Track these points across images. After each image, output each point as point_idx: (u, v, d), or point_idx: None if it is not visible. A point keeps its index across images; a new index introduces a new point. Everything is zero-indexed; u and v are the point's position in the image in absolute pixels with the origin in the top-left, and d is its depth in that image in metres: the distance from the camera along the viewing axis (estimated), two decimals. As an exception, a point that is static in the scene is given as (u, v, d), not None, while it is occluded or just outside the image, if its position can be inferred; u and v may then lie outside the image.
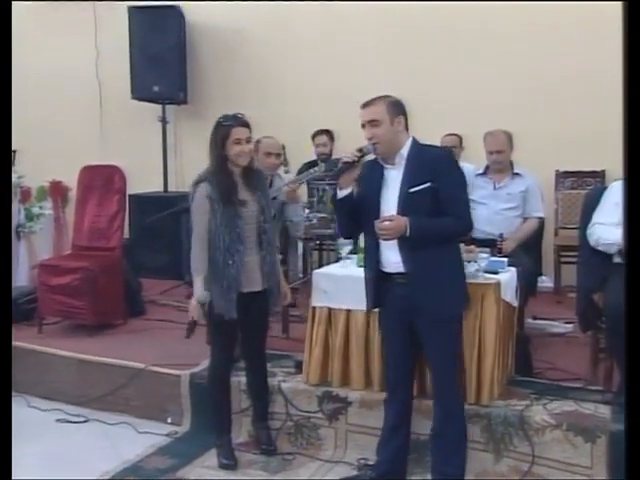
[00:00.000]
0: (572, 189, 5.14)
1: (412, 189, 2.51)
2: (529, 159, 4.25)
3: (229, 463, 3.03)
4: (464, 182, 2.65)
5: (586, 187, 4.94)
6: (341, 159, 2.61)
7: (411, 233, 2.46)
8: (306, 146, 5.43)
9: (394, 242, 2.52)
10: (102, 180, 4.59)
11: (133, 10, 5.98)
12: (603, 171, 5.03)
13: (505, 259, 3.22)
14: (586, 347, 3.26)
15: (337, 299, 3.19)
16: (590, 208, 3.09)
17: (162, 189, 6.16)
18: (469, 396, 2.90)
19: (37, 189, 6.17)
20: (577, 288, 3.28)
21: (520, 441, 2.86)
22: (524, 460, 2.86)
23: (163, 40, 5.91)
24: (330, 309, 3.21)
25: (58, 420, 3.58)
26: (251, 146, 3.03)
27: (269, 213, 3.05)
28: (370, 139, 2.56)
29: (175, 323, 4.40)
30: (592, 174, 5.08)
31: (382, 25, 5.54)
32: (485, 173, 3.97)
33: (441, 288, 2.54)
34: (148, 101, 6.12)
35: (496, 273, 3.07)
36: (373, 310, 2.81)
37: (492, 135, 3.94)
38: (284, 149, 5.43)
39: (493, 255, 3.32)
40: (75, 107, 6.41)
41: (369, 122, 2.56)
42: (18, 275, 4.94)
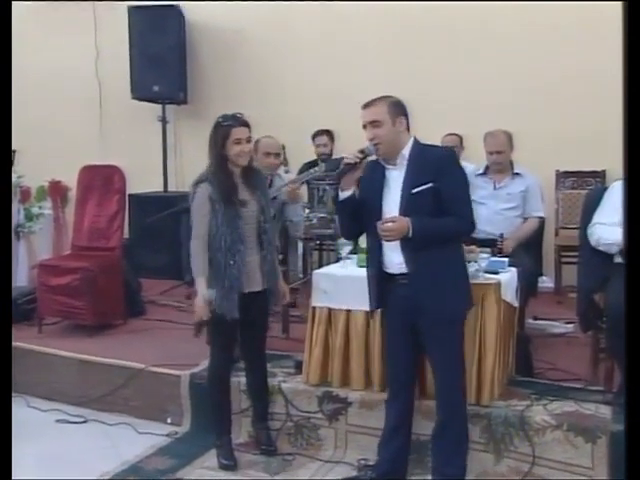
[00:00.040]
0: (572, 189, 5.14)
1: (414, 190, 2.50)
2: (529, 159, 4.25)
3: (229, 464, 3.03)
4: (466, 182, 2.63)
5: (586, 187, 4.94)
6: (343, 160, 2.60)
7: (413, 234, 2.45)
8: (306, 146, 5.43)
9: (396, 243, 2.51)
10: (102, 180, 4.59)
11: (133, 10, 5.97)
12: (604, 171, 5.03)
13: (506, 259, 3.22)
14: (587, 347, 3.26)
15: (337, 299, 3.18)
16: (591, 208, 3.09)
17: (162, 189, 6.16)
18: (469, 396, 2.88)
19: (37, 189, 6.17)
20: (578, 288, 3.28)
21: (520, 441, 2.86)
22: (524, 461, 2.85)
23: (163, 40, 5.90)
24: (330, 309, 3.21)
25: (58, 420, 3.58)
26: (251, 146, 3.03)
27: (269, 213, 3.05)
28: (371, 140, 2.55)
29: (175, 323, 4.41)
30: (592, 174, 5.08)
31: (382, 25, 5.53)
32: (485, 173, 3.97)
33: (444, 289, 2.53)
34: (148, 101, 6.11)
35: (496, 273, 3.06)
36: (376, 311, 2.80)
37: (492, 135, 3.94)
38: (284, 149, 5.43)
39: (493, 255, 3.32)
40: (75, 107, 6.41)
41: (370, 123, 2.54)
42: (18, 275, 4.94)
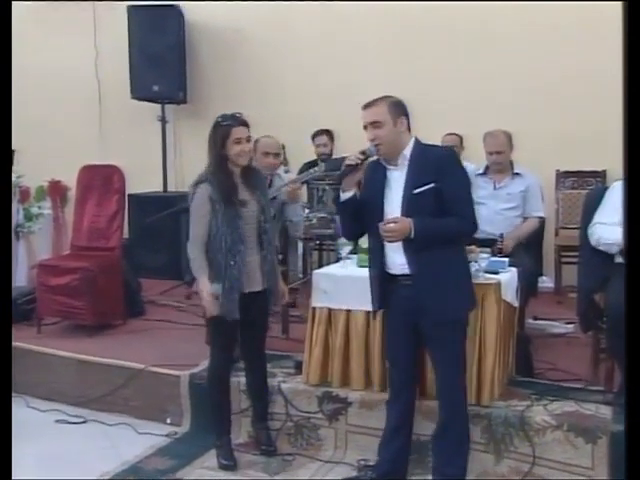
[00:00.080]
0: (573, 189, 5.13)
1: (416, 190, 2.49)
2: (529, 159, 4.25)
3: (229, 464, 3.02)
4: (468, 182, 2.62)
5: (587, 187, 4.94)
6: (343, 159, 2.60)
7: (416, 234, 2.45)
8: (306, 146, 5.42)
9: (399, 244, 2.50)
10: (101, 180, 4.58)
11: (132, 9, 5.96)
12: (604, 171, 5.02)
13: (506, 259, 3.21)
14: (587, 347, 3.26)
15: (337, 299, 3.18)
16: (591, 208, 3.08)
17: (161, 189, 6.15)
18: (469, 396, 2.87)
19: (36, 189, 6.16)
20: (578, 288, 3.27)
21: (521, 442, 2.86)
22: (525, 461, 2.85)
23: (162, 39, 5.89)
24: (330, 309, 3.20)
25: (57, 421, 3.57)
26: (251, 145, 3.03)
27: (269, 213, 3.05)
28: (372, 140, 2.53)
29: (175, 323, 4.41)
30: (593, 174, 5.07)
31: (382, 25, 5.53)
32: (485, 173, 3.97)
33: (446, 289, 2.53)
34: (147, 101, 6.10)
35: (496, 273, 3.06)
36: (378, 311, 2.79)
37: (492, 135, 3.93)
38: (284, 149, 5.43)
39: (493, 255, 3.31)
40: (74, 107, 6.40)
41: (371, 123, 2.53)
42: (17, 275, 4.93)
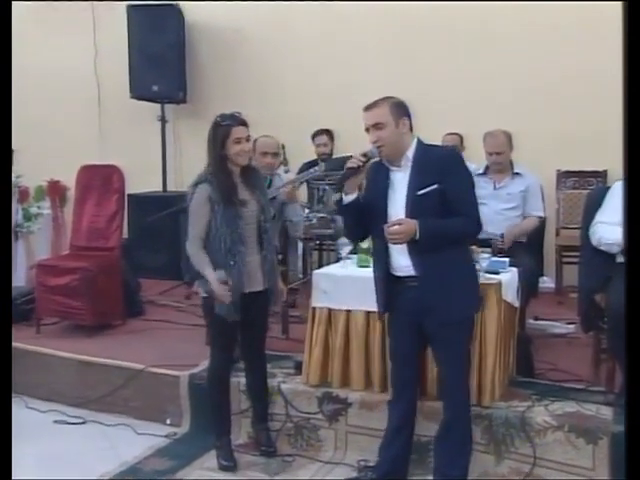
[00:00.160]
0: (574, 189, 5.12)
1: (420, 192, 2.47)
2: (530, 159, 4.25)
3: (228, 464, 3.01)
4: (471, 181, 2.61)
5: (588, 187, 4.93)
6: (344, 160, 2.59)
7: (421, 236, 2.43)
8: (306, 146, 5.42)
9: (403, 246, 2.49)
10: (101, 180, 4.57)
11: (132, 9, 5.95)
12: (605, 171, 5.00)
13: (506, 259, 3.20)
14: (588, 348, 3.25)
15: (337, 299, 3.17)
16: (592, 208, 3.08)
17: (161, 189, 6.14)
18: (470, 397, 2.88)
19: (35, 189, 6.15)
20: (579, 288, 3.27)
21: (521, 442, 2.85)
22: (525, 462, 2.84)
23: (162, 39, 5.88)
24: (330, 309, 3.20)
25: (56, 421, 3.56)
26: (250, 145, 3.02)
27: (269, 212, 3.04)
28: (375, 142, 2.52)
29: (174, 323, 4.40)
30: (594, 174, 5.06)
31: (382, 25, 5.52)
32: (485, 173, 3.96)
33: (452, 290, 2.51)
34: (147, 100, 6.09)
35: (497, 273, 3.05)
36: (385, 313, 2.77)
37: (491, 136, 3.93)
38: (284, 148, 5.42)
39: (494, 255, 3.30)
40: (74, 106, 6.39)
41: (373, 125, 2.51)
42: (16, 275, 4.91)
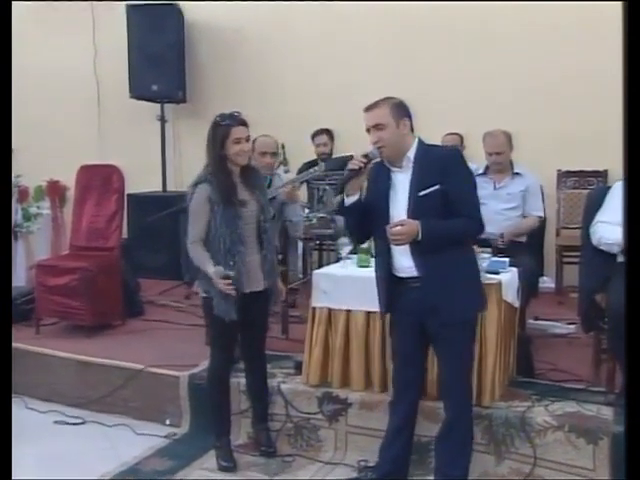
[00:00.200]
0: (574, 189, 5.10)
1: (421, 192, 2.47)
2: (530, 159, 4.25)
3: (228, 465, 3.01)
4: (473, 182, 2.60)
5: (588, 187, 4.92)
6: (344, 159, 2.59)
7: (423, 237, 2.42)
8: (306, 145, 5.41)
9: (406, 246, 2.48)
10: (100, 180, 4.57)
11: (131, 9, 5.94)
12: (605, 171, 4.99)
13: (506, 259, 3.20)
14: (588, 348, 3.24)
15: (337, 299, 3.17)
16: (593, 208, 3.07)
17: (161, 189, 6.13)
18: (472, 397, 2.87)
19: (35, 189, 6.15)
20: (579, 288, 3.26)
21: (522, 443, 2.85)
22: (526, 462, 2.84)
23: (162, 39, 5.86)
24: (330, 309, 3.19)
25: (56, 422, 3.56)
26: (250, 145, 3.02)
27: (268, 212, 3.04)
28: (376, 143, 2.50)
29: (174, 324, 4.40)
30: (594, 174, 5.05)
31: (382, 25, 5.51)
32: (485, 173, 3.95)
33: (455, 290, 2.51)
34: (147, 100, 6.08)
35: (497, 273, 3.04)
36: (386, 314, 2.77)
37: (491, 136, 3.92)
38: (284, 148, 5.42)
39: (494, 255, 3.30)
40: (73, 106, 6.38)
41: (374, 126, 2.50)
42: (15, 275, 4.90)
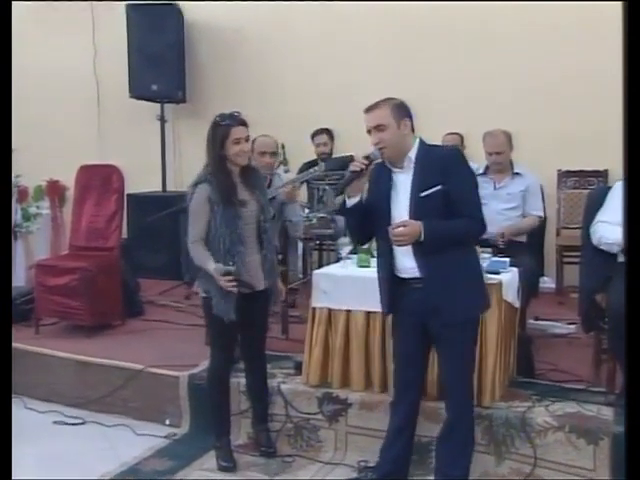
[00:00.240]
0: (574, 189, 5.09)
1: (423, 193, 2.46)
2: (530, 159, 4.25)
3: (228, 465, 3.01)
4: (475, 181, 2.60)
5: (588, 187, 4.91)
6: (345, 159, 2.58)
7: (425, 237, 2.41)
8: (306, 145, 5.41)
9: (408, 247, 2.47)
10: (100, 180, 4.56)
11: (131, 8, 5.93)
12: (606, 170, 4.99)
13: (507, 259, 3.20)
14: (589, 348, 3.24)
15: (337, 300, 3.16)
16: (593, 208, 3.07)
17: (161, 189, 6.12)
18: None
19: (34, 188, 6.15)
20: (579, 288, 3.26)
21: (522, 443, 2.84)
22: (526, 462, 2.84)
23: (161, 38, 5.85)
24: (330, 310, 3.19)
25: (55, 422, 3.55)
26: (250, 145, 3.01)
27: (268, 212, 3.03)
28: (377, 144, 2.50)
29: (174, 324, 4.39)
30: (595, 173, 5.04)
31: (382, 25, 5.51)
32: (485, 173, 3.95)
33: (458, 291, 2.50)
34: (146, 100, 6.07)
35: (497, 273, 3.04)
36: (388, 315, 2.76)
37: (491, 136, 3.92)
38: (284, 148, 5.42)
39: (494, 255, 3.30)
40: (73, 106, 6.37)
41: (375, 127, 2.49)
42: (15, 275, 4.88)
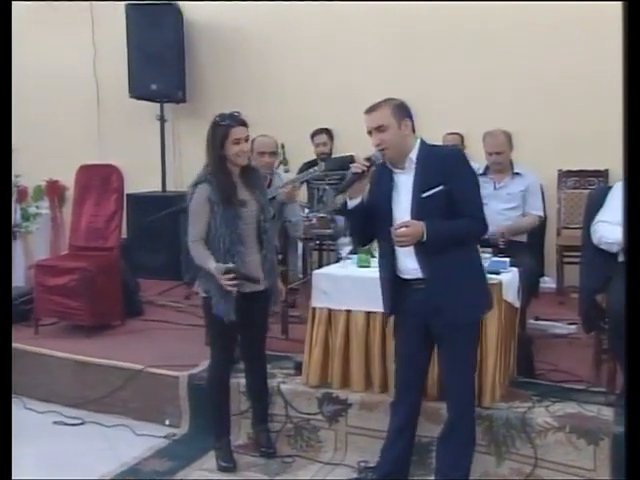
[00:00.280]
0: (575, 189, 5.09)
1: (425, 194, 2.45)
2: (530, 159, 4.24)
3: (228, 466, 3.00)
4: (476, 181, 2.59)
5: (589, 187, 4.90)
6: (345, 159, 2.58)
7: (428, 238, 2.41)
8: (306, 145, 5.40)
9: (410, 248, 2.47)
10: (100, 179, 4.56)
11: (131, 8, 5.92)
12: (606, 170, 4.98)
13: (507, 259, 3.20)
14: (589, 348, 3.24)
15: (337, 300, 3.16)
16: (594, 208, 3.07)
17: (160, 188, 6.12)
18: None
19: (34, 188, 6.15)
20: (580, 289, 3.26)
21: (522, 443, 2.84)
22: (526, 463, 2.83)
23: (161, 38, 5.85)
24: (330, 310, 3.19)
25: (55, 422, 3.55)
26: (249, 145, 3.01)
27: (268, 212, 3.03)
28: (378, 145, 2.49)
29: (173, 324, 4.39)
30: (595, 173, 5.03)
31: (382, 25, 5.51)
32: (485, 173, 3.94)
33: (460, 291, 2.49)
34: (146, 100, 6.07)
35: (498, 273, 3.04)
36: (390, 316, 2.75)
37: (491, 136, 3.91)
38: (283, 148, 5.41)
39: (495, 255, 3.29)
40: (72, 106, 6.37)
41: (376, 128, 2.48)
42: (14, 275, 4.85)
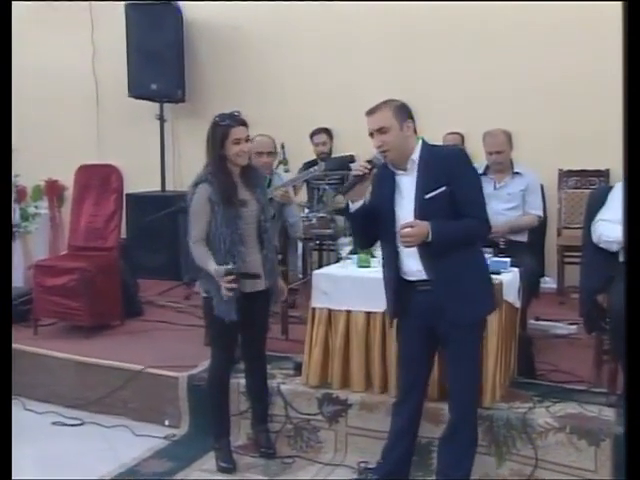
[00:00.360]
0: (576, 188, 5.07)
1: (428, 195, 2.44)
2: (530, 159, 4.23)
3: (228, 466, 2.99)
4: (479, 181, 2.59)
5: (590, 186, 4.89)
6: (345, 159, 2.57)
7: (433, 238, 2.39)
8: (306, 145, 5.40)
9: (414, 249, 2.46)
10: (99, 179, 4.55)
11: (130, 7, 5.92)
12: (607, 170, 4.97)
13: (508, 259, 3.19)
14: (590, 349, 3.23)
15: (337, 300, 3.16)
16: (595, 207, 3.06)
17: (160, 188, 6.11)
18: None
19: (33, 188, 6.14)
20: (580, 289, 3.25)
21: (523, 444, 2.83)
22: (527, 463, 2.83)
23: (160, 37, 5.84)
24: (330, 310, 3.18)
25: (54, 423, 3.54)
26: (249, 145, 3.00)
27: (269, 211, 3.03)
28: (379, 147, 2.47)
29: (173, 324, 4.39)
30: (596, 173, 5.02)
31: (382, 25, 5.50)
32: (485, 173, 3.93)
33: (465, 293, 2.48)
34: (146, 99, 6.06)
35: (498, 274, 3.03)
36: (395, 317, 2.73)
37: (491, 135, 3.91)
38: (283, 148, 5.40)
39: (495, 255, 3.29)
40: (72, 106, 6.36)
41: (377, 130, 2.47)
42: (13, 276, 4.88)
